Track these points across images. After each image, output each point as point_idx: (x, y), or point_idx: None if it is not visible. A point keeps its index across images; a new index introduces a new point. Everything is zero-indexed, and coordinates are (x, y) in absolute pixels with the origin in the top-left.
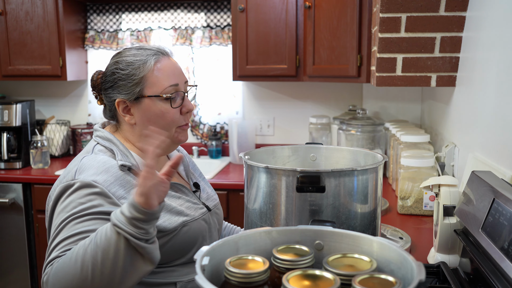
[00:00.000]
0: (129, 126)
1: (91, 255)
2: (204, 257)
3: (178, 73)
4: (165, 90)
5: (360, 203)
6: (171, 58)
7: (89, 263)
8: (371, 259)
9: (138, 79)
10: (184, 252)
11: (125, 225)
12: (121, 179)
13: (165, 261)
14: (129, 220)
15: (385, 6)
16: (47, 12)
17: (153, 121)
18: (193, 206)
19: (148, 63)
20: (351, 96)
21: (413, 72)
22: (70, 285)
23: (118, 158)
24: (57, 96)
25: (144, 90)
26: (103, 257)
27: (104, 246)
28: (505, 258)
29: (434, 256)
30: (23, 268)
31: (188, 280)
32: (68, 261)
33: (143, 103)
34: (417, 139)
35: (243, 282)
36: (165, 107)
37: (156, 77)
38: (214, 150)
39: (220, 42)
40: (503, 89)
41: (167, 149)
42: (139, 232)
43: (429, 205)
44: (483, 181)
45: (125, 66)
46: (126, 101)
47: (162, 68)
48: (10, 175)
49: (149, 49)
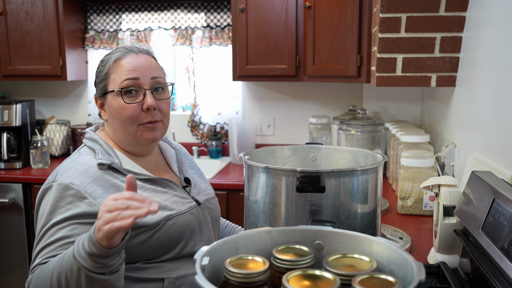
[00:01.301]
0: (106, 122)
1: (57, 276)
2: (204, 257)
3: (142, 68)
4: (121, 85)
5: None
6: (140, 54)
7: (55, 282)
8: (371, 259)
9: (103, 75)
10: (171, 246)
11: (83, 260)
12: (99, 179)
13: (152, 256)
14: (88, 255)
15: (385, 6)
16: (47, 12)
17: (115, 117)
18: (180, 200)
19: (111, 59)
20: (351, 96)
21: (413, 72)
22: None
23: (98, 157)
24: (57, 96)
25: (107, 86)
26: (67, 281)
27: (67, 271)
28: (505, 258)
29: (434, 256)
30: (23, 268)
31: (176, 277)
32: (43, 275)
33: (107, 99)
34: (417, 139)
35: (243, 282)
36: (122, 103)
37: (116, 72)
38: (214, 150)
39: (220, 42)
40: (503, 89)
41: (138, 148)
42: (98, 267)
43: (429, 205)
44: (483, 181)
45: (99, 64)
46: (99, 97)
47: (123, 64)
48: (10, 175)
49: (121, 47)
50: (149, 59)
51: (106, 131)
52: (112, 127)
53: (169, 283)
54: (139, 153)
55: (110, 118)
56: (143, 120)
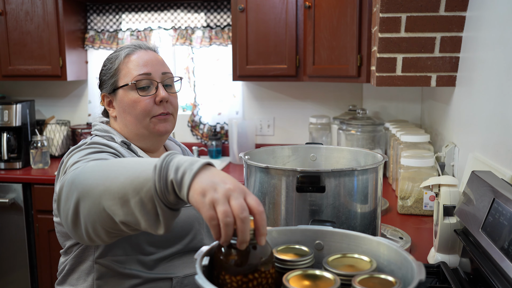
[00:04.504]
0: (114, 119)
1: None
2: (204, 257)
3: (152, 63)
4: (134, 78)
5: (360, 203)
6: (148, 51)
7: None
8: (371, 259)
9: (112, 71)
10: (180, 236)
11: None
12: (125, 152)
13: (161, 244)
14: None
15: (385, 6)
16: (47, 12)
17: (127, 111)
18: None
19: (121, 56)
20: (351, 96)
21: (413, 72)
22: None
23: (117, 140)
24: (57, 96)
25: (118, 81)
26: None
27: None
28: (505, 258)
29: (434, 256)
30: (23, 268)
31: (184, 275)
32: (101, 165)
33: (118, 95)
34: (417, 139)
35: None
36: (136, 96)
37: (127, 67)
38: (214, 150)
39: (220, 42)
40: (503, 89)
41: (149, 143)
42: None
43: (429, 205)
44: (483, 181)
45: (106, 62)
46: (107, 95)
47: (134, 59)
48: (10, 175)
49: (128, 45)
50: (157, 56)
51: (114, 128)
52: (123, 122)
53: (177, 282)
54: (149, 149)
55: (121, 114)
56: (156, 112)
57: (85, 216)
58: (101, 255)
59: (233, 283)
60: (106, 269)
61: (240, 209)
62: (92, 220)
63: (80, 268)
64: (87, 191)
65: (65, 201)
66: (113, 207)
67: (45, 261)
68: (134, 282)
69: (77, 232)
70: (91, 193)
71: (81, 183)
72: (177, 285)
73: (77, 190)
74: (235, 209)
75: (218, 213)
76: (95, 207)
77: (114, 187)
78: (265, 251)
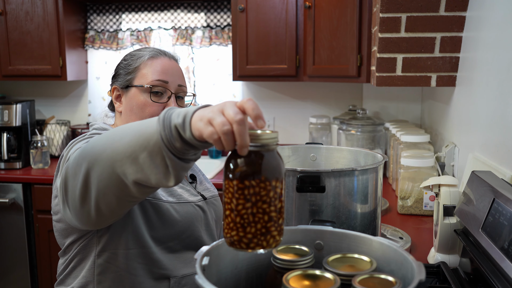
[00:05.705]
0: (118, 114)
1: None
2: (204, 257)
3: (171, 73)
4: (151, 83)
5: (360, 203)
6: (171, 60)
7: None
8: (371, 259)
9: (132, 68)
10: (179, 231)
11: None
12: None
13: (158, 233)
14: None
15: (385, 6)
16: (47, 12)
17: (134, 112)
18: (186, 192)
19: (145, 56)
20: (351, 96)
21: (413, 72)
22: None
23: None
24: (57, 96)
25: (134, 80)
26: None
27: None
28: (505, 258)
29: (434, 256)
30: (23, 268)
31: (182, 275)
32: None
33: (130, 92)
34: (417, 139)
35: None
36: (147, 99)
37: (148, 70)
38: (214, 150)
39: (220, 42)
40: (503, 89)
41: None
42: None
43: (429, 205)
44: (483, 181)
45: (127, 57)
46: (118, 88)
47: (157, 64)
48: (10, 175)
49: (154, 48)
50: (179, 67)
51: (116, 123)
52: (126, 120)
53: (175, 282)
54: None
55: (127, 112)
56: None
57: (95, 185)
58: (103, 249)
59: (230, 188)
60: (107, 264)
61: (234, 113)
62: (103, 187)
63: (81, 265)
64: (95, 158)
65: (73, 177)
66: (123, 167)
67: (45, 261)
68: (133, 278)
69: (85, 208)
70: (100, 158)
71: (88, 153)
72: (175, 285)
73: (85, 161)
74: (229, 116)
75: (215, 127)
76: (106, 172)
77: (121, 147)
78: (271, 162)
